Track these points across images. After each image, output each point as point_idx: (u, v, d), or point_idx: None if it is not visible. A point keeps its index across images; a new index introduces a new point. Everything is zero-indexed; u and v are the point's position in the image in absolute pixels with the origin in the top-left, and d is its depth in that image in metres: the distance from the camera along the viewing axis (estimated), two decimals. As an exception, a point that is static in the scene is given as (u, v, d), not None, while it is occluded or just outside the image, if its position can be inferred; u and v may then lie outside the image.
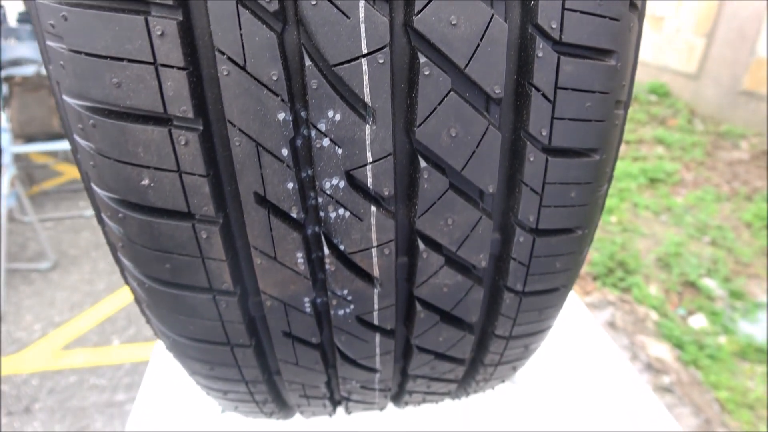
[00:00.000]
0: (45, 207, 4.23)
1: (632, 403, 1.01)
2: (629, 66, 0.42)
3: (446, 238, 0.42)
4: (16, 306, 3.06)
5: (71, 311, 3.02)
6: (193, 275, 0.42)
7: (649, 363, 2.42)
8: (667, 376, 2.35)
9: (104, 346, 2.75)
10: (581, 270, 0.50)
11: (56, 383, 2.51)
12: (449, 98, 0.37)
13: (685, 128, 4.98)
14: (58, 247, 3.67)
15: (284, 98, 0.36)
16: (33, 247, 3.65)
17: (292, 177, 0.38)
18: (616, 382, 1.06)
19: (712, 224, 3.54)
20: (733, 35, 4.69)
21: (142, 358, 2.68)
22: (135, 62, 0.34)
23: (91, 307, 3.05)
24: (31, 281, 3.29)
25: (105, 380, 2.53)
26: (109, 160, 0.37)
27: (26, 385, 2.50)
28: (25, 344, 2.77)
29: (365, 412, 0.81)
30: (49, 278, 3.32)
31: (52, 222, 4.00)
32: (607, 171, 0.45)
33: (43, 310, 3.02)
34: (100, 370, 2.60)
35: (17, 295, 3.15)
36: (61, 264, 3.47)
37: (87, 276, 3.35)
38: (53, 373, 2.57)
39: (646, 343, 2.57)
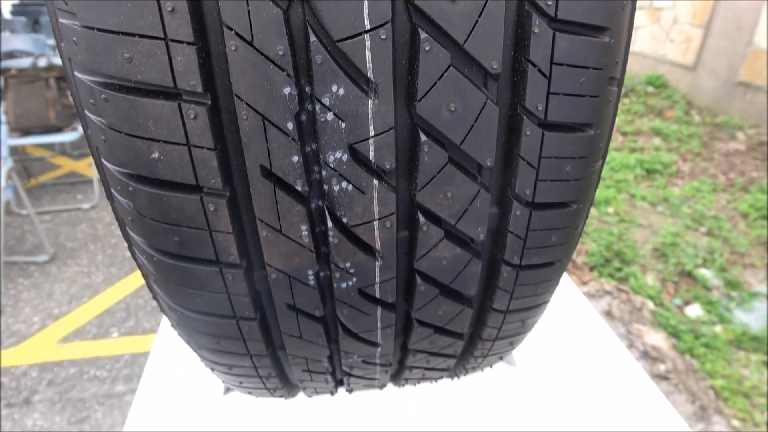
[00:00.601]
0: (42, 200, 4.23)
1: (629, 390, 1.02)
2: (623, 43, 0.43)
3: (445, 211, 0.43)
4: (14, 299, 3.06)
5: (70, 304, 3.03)
6: (200, 248, 0.43)
7: (645, 351, 2.45)
8: (663, 364, 2.37)
9: (103, 339, 2.76)
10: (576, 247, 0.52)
11: (56, 375, 2.52)
12: (449, 73, 0.38)
13: (682, 119, 5.00)
14: (55, 240, 3.67)
15: (290, 73, 0.37)
16: (31, 240, 3.66)
17: (297, 150, 0.39)
18: (614, 370, 1.08)
19: (709, 215, 3.57)
20: (730, 26, 4.69)
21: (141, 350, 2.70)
22: (146, 38, 0.35)
23: (90, 300, 3.06)
24: (29, 274, 3.30)
25: (104, 371, 2.55)
26: (120, 134, 0.39)
27: (25, 376, 2.51)
28: (24, 337, 2.78)
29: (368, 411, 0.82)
30: (47, 271, 3.33)
31: (49, 215, 4.00)
32: (601, 146, 0.46)
33: (42, 302, 3.03)
34: (99, 361, 2.61)
35: (15, 288, 3.16)
36: (59, 257, 3.48)
37: (85, 269, 3.36)
38: (52, 364, 2.58)
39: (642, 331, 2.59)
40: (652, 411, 0.98)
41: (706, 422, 2.16)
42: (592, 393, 1.02)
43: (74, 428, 2.24)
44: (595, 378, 1.05)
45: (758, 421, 2.20)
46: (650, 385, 1.04)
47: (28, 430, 2.24)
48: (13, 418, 2.29)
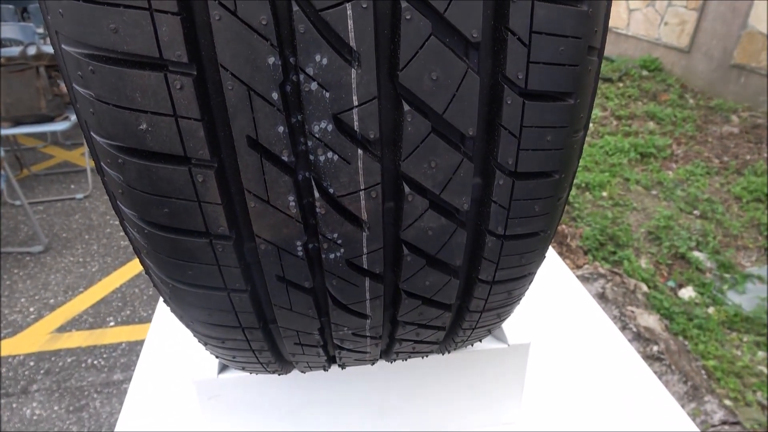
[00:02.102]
0: (35, 191, 4.22)
1: (621, 371, 1.04)
2: (601, 12, 0.43)
3: (430, 181, 0.44)
4: (10, 289, 3.07)
5: (65, 294, 3.03)
6: (190, 219, 0.44)
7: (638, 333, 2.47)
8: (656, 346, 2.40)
9: (100, 328, 2.78)
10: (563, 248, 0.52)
11: (53, 364, 2.53)
12: (430, 42, 0.39)
13: (676, 103, 5.01)
14: (50, 231, 3.67)
15: (273, 43, 0.37)
16: (25, 231, 3.66)
17: (283, 121, 0.40)
18: (606, 351, 1.09)
19: (702, 198, 3.59)
20: (725, 8, 4.69)
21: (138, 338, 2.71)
22: (131, 8, 0.36)
23: (86, 290, 3.07)
24: (24, 265, 3.30)
25: (102, 360, 2.56)
26: (108, 105, 0.39)
27: (23, 366, 2.52)
28: (21, 327, 2.79)
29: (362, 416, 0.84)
30: (42, 261, 3.33)
31: (42, 205, 3.99)
32: (581, 116, 0.47)
33: (38, 293, 3.04)
34: (96, 350, 2.62)
35: (11, 279, 3.16)
36: (54, 247, 3.48)
37: (80, 258, 3.36)
38: (50, 354, 2.60)
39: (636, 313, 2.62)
40: (643, 391, 1.00)
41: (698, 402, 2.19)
42: (585, 374, 1.04)
43: (72, 417, 2.26)
44: (588, 359, 1.07)
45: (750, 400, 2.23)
46: (642, 366, 1.06)
47: (26, 419, 2.25)
48: (12, 407, 2.31)
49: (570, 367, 1.05)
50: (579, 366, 1.05)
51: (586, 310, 1.21)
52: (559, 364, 1.05)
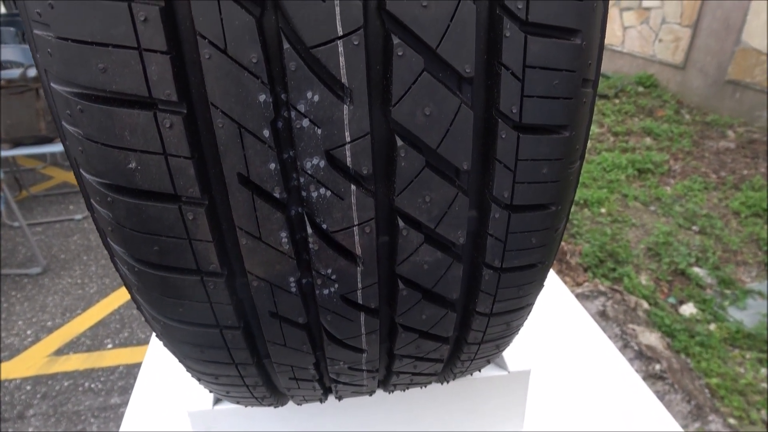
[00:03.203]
0: (34, 212, 4.21)
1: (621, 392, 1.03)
2: (595, 45, 0.43)
3: (424, 215, 0.44)
4: (7, 312, 3.05)
5: (63, 316, 3.01)
6: (180, 257, 0.43)
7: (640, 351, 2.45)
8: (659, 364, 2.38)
9: (98, 351, 2.75)
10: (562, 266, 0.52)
11: (50, 388, 2.50)
12: (422, 78, 0.39)
13: (672, 119, 5.03)
14: (48, 252, 3.66)
15: (264, 80, 0.37)
16: (23, 253, 3.64)
17: (274, 157, 0.39)
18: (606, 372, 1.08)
19: (701, 213, 3.59)
20: (718, 25, 4.74)
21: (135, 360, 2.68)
22: (120, 47, 0.36)
23: (84, 312, 3.05)
24: (22, 287, 3.28)
25: (99, 384, 2.53)
26: (97, 144, 0.39)
27: (19, 390, 2.49)
28: (18, 350, 2.76)
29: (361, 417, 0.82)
30: (41, 283, 3.31)
31: (41, 226, 3.98)
32: (577, 148, 0.47)
33: (35, 315, 3.02)
34: (94, 373, 2.59)
35: (8, 301, 3.14)
36: (52, 268, 3.47)
37: (78, 280, 3.35)
38: (47, 377, 2.57)
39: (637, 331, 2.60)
40: (644, 412, 0.98)
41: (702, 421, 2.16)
42: (584, 395, 1.02)
43: (69, 442, 2.23)
44: (589, 384, 1.06)
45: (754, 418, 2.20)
46: (642, 387, 1.04)
47: (22, 444, 2.22)
48: (7, 432, 2.27)
49: (571, 391, 1.03)
50: (580, 390, 1.04)
51: (586, 332, 1.20)
52: (560, 389, 1.04)
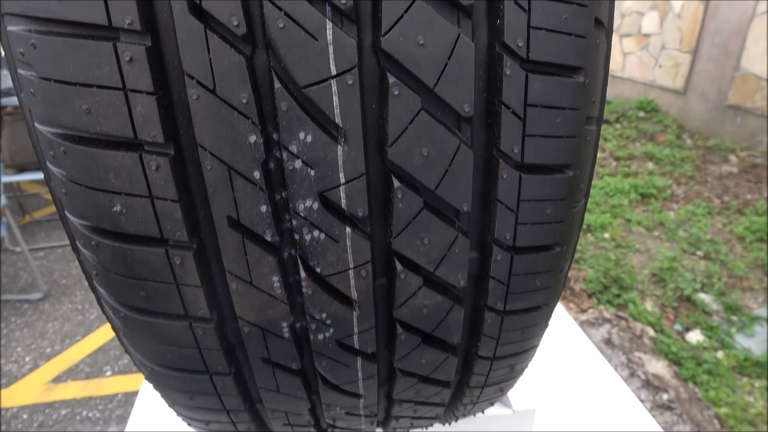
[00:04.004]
0: (36, 237, 4.20)
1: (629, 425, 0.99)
2: (598, 82, 0.42)
3: (423, 258, 0.42)
4: (6, 338, 3.01)
5: (63, 342, 2.98)
6: (168, 302, 0.41)
7: (647, 380, 2.40)
8: (666, 394, 2.33)
9: (96, 378, 2.71)
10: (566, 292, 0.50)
11: (47, 417, 2.46)
12: (420, 117, 0.37)
13: (674, 143, 5.03)
14: (49, 277, 3.64)
15: (255, 121, 0.36)
16: (24, 278, 3.62)
17: (265, 200, 0.38)
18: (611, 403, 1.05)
19: (705, 238, 3.55)
20: (717, 51, 4.77)
21: (135, 388, 2.64)
22: (104, 88, 0.34)
23: (83, 338, 3.01)
24: (23, 312, 3.25)
25: (97, 412, 2.49)
26: (81, 186, 0.37)
27: (16, 419, 2.45)
28: (16, 377, 2.72)
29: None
30: (41, 309, 3.28)
31: (43, 251, 3.97)
32: (582, 187, 0.45)
33: (34, 341, 2.98)
34: (92, 401, 2.55)
35: (8, 327, 3.11)
36: (53, 294, 3.44)
37: (79, 306, 3.32)
38: (44, 406, 2.53)
39: (643, 359, 2.55)
40: None
41: (712, 453, 2.11)
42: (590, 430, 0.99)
43: (65, 473, 2.18)
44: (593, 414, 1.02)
45: (765, 449, 2.15)
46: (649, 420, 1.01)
47: (15, 476, 2.17)
48: (2, 463, 2.23)
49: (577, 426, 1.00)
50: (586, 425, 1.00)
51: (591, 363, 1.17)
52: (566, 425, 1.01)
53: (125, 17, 0.33)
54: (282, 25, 0.34)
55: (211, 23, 0.34)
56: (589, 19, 0.39)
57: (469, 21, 0.37)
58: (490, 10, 0.37)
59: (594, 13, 0.39)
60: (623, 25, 6.09)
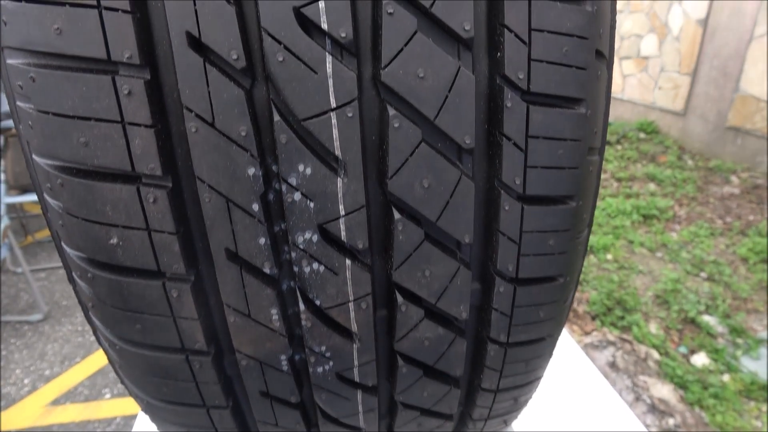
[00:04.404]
0: (38, 257, 4.20)
1: None
2: (600, 113, 0.42)
3: (424, 290, 0.41)
4: (5, 360, 2.99)
5: (62, 364, 2.95)
6: (164, 335, 0.41)
7: (653, 404, 2.37)
8: (672, 418, 2.29)
9: (95, 401, 2.68)
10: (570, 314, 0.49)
11: (44, 441, 2.43)
12: (420, 149, 0.37)
13: (675, 164, 5.04)
14: (50, 298, 3.62)
15: (254, 153, 0.35)
16: (25, 299, 3.61)
17: (264, 232, 0.37)
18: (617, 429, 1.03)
19: (708, 260, 3.53)
20: (716, 73, 4.80)
21: (133, 412, 2.61)
22: (102, 121, 0.34)
23: (83, 360, 2.99)
24: (22, 334, 3.23)
25: (95, 436, 2.46)
26: (77, 219, 0.37)
27: (14, 443, 2.42)
28: (14, 400, 2.69)
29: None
30: (41, 330, 3.26)
31: (45, 272, 3.96)
32: (585, 217, 0.44)
33: (33, 363, 2.96)
34: (90, 425, 2.52)
35: (7, 349, 3.09)
36: (53, 315, 3.42)
37: (79, 327, 3.29)
38: (42, 429, 2.49)
39: (648, 383, 2.52)
40: None
41: (720, 480, 2.06)
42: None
43: (61, 499, 2.14)
44: None
45: (774, 476, 2.10)
46: None
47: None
48: (-3, 490, 2.19)
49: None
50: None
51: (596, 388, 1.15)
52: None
53: (124, 51, 0.33)
54: (282, 58, 0.34)
55: (210, 56, 0.34)
56: (589, 51, 0.38)
57: (469, 53, 0.37)
58: (491, 43, 0.37)
59: (594, 45, 0.39)
60: (622, 48, 6.15)
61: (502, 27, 0.36)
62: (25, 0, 0.33)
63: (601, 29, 0.40)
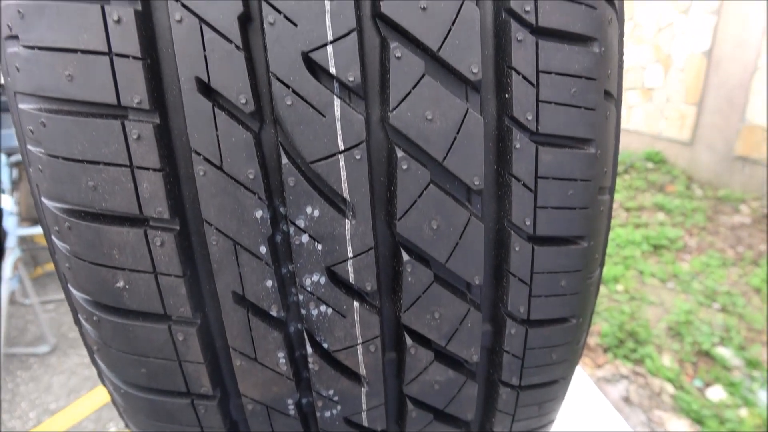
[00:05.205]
0: (47, 288, 4.20)
1: None
2: (609, 152, 0.41)
3: (434, 332, 0.40)
4: (12, 393, 2.97)
5: (68, 397, 2.92)
6: (170, 379, 0.40)
7: (668, 441, 2.30)
8: (689, 455, 2.22)
9: (100, 436, 2.64)
10: (579, 361, 0.48)
11: (47, 478, 2.39)
12: (429, 191, 0.37)
13: (684, 194, 5.01)
14: (58, 330, 3.61)
15: (261, 196, 0.35)
16: (33, 331, 3.60)
17: (271, 275, 0.37)
18: None
19: (721, 290, 3.48)
20: (722, 103, 4.81)
21: (137, 447, 2.56)
22: (111, 165, 0.34)
23: (89, 392, 2.96)
24: (29, 366, 3.21)
25: (99, 473, 2.41)
26: (84, 262, 0.37)
27: (16, 479, 2.38)
28: (18, 435, 2.66)
29: None
30: (47, 362, 3.24)
31: (53, 304, 3.96)
32: (596, 257, 0.44)
33: (40, 396, 2.93)
34: (94, 460, 2.48)
35: (14, 381, 3.07)
36: (60, 347, 3.40)
37: (86, 359, 3.27)
38: (46, 466, 2.46)
39: (664, 418, 2.46)
40: None
41: None
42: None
43: None
44: None
45: None
46: None
47: None
48: None
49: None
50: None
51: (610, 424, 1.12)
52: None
53: (134, 96, 0.33)
54: (290, 102, 0.34)
55: (219, 101, 0.34)
56: (598, 92, 0.38)
57: (477, 95, 0.37)
58: (499, 85, 0.37)
59: (603, 86, 0.39)
60: (627, 79, 6.20)
61: (510, 69, 0.36)
62: (38, 47, 0.33)
63: (609, 70, 0.40)
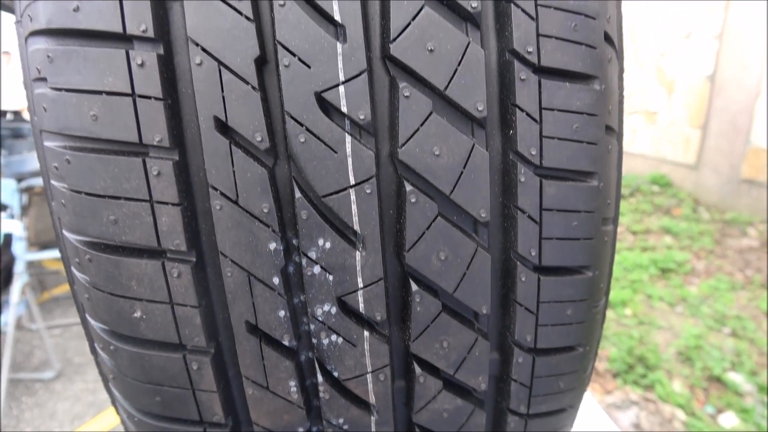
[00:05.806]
0: (54, 313, 4.21)
1: None
2: (612, 184, 0.43)
3: (443, 361, 0.41)
4: (16, 419, 2.95)
5: (72, 424, 2.90)
6: (183, 408, 0.41)
7: (681, 469, 2.26)
8: (703, 484, 2.18)
9: (103, 462, 2.62)
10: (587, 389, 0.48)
11: (49, 506, 2.36)
12: (437, 223, 0.38)
13: (690, 217, 5.00)
14: (63, 355, 3.61)
15: (275, 229, 0.37)
16: (38, 356, 3.59)
17: (284, 305, 0.38)
18: None
19: (730, 314, 3.45)
20: (726, 126, 4.83)
21: (142, 475, 2.54)
22: (132, 200, 0.36)
23: (93, 419, 2.94)
24: (34, 392, 3.20)
25: (102, 501, 2.39)
26: (103, 293, 0.38)
27: (17, 508, 2.36)
28: (21, 462, 2.65)
29: None
30: (52, 388, 3.23)
31: (59, 329, 3.96)
32: (601, 287, 0.45)
33: (44, 422, 2.92)
34: (97, 488, 2.46)
35: (18, 407, 3.06)
36: (66, 373, 3.40)
37: (91, 385, 3.26)
38: (48, 494, 2.43)
39: (675, 446, 2.42)
40: None
41: None
42: None
43: None
44: None
45: None
46: None
47: None
48: None
49: None
50: None
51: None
52: None
53: (155, 135, 0.35)
54: (303, 139, 0.35)
55: (236, 138, 0.36)
56: (599, 127, 0.40)
57: (482, 131, 0.38)
58: (503, 121, 0.39)
59: (604, 121, 0.40)
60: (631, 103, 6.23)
61: (514, 107, 0.38)
62: (65, 89, 0.35)
63: (610, 106, 0.41)
